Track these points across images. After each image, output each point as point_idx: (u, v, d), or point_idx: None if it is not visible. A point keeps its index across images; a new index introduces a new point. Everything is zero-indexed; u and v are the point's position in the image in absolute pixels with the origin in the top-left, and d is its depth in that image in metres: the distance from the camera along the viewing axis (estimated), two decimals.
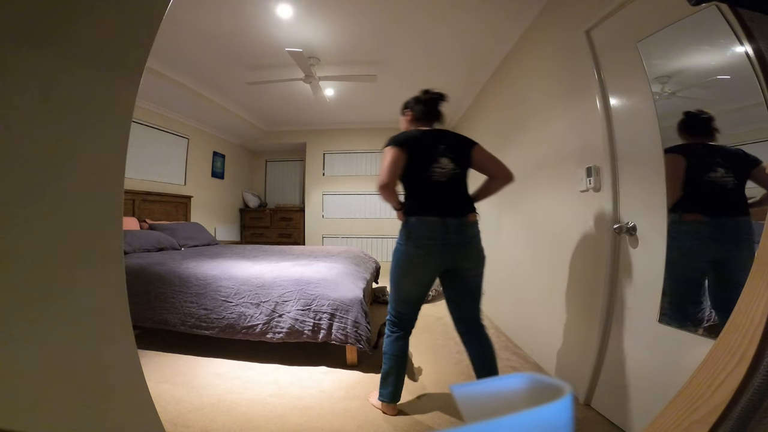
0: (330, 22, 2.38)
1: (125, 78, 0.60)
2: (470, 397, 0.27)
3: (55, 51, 0.49)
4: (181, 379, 1.73)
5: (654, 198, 1.21)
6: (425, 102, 1.45)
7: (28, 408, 0.45)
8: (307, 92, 3.56)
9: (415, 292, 1.38)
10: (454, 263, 1.33)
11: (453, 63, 2.97)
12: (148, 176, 3.69)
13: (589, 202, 1.55)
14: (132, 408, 0.61)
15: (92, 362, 0.55)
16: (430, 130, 1.41)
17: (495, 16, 2.24)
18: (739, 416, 0.42)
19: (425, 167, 1.32)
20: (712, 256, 1.08)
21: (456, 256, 1.32)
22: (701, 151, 1.07)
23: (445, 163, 1.33)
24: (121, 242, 0.61)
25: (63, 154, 0.51)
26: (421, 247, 1.30)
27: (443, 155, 1.33)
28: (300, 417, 1.40)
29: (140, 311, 2.10)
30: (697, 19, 0.99)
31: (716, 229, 1.07)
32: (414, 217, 1.32)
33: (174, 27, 2.39)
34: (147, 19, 0.61)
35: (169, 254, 2.75)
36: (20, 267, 0.46)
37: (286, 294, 1.97)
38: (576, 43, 1.57)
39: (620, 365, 1.35)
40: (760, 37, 0.55)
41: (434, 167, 1.32)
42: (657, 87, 1.19)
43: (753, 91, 0.77)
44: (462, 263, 1.33)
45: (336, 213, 5.13)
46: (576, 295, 1.63)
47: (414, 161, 1.33)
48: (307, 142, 5.19)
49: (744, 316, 0.45)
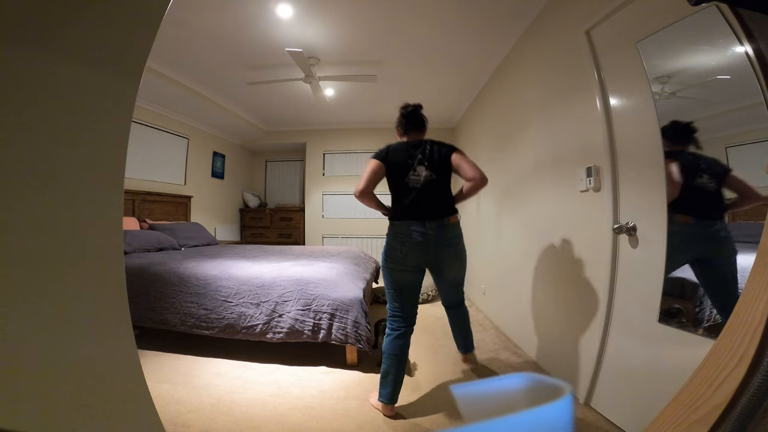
0: (330, 22, 2.38)
1: (125, 78, 0.59)
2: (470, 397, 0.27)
3: (55, 51, 0.49)
4: (181, 379, 1.73)
5: (654, 198, 1.21)
6: (405, 116, 1.59)
7: (28, 408, 0.45)
8: (307, 92, 3.56)
9: (404, 287, 1.49)
10: (434, 261, 1.49)
11: (453, 63, 2.97)
12: (148, 176, 3.69)
13: (589, 202, 1.55)
14: (132, 408, 0.61)
15: (92, 362, 0.55)
16: (411, 142, 1.55)
17: (495, 16, 2.24)
18: (739, 416, 0.42)
19: (402, 175, 1.48)
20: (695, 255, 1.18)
21: (436, 255, 1.47)
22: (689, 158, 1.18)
23: (420, 171, 1.47)
24: (121, 242, 0.61)
25: (63, 154, 0.51)
26: (402, 245, 1.45)
27: (420, 164, 1.48)
28: (300, 417, 1.41)
29: (140, 311, 2.10)
30: (697, 19, 0.99)
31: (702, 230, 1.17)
32: (396, 220, 1.50)
33: (174, 27, 2.39)
34: (147, 19, 0.61)
35: (169, 254, 2.75)
36: (20, 267, 0.46)
37: (286, 294, 1.97)
38: (576, 43, 1.57)
39: (620, 365, 1.35)
40: (760, 37, 0.55)
41: (410, 175, 1.47)
42: (657, 87, 1.19)
43: (753, 91, 0.77)
44: (443, 261, 1.49)
45: (336, 213, 5.12)
46: (576, 295, 1.63)
47: (393, 170, 1.50)
48: (307, 142, 5.18)
49: (744, 316, 0.45)
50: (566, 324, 1.71)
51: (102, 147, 0.57)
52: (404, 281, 1.48)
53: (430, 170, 1.47)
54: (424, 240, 1.43)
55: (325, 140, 5.16)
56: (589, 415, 1.42)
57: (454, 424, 1.42)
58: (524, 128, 2.28)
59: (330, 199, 5.14)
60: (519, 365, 1.97)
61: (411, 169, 1.48)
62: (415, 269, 1.48)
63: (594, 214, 1.51)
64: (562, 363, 1.74)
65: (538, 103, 2.08)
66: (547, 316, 1.91)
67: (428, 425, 1.36)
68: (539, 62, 2.08)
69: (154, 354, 2.02)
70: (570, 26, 1.66)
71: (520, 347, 2.22)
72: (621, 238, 1.36)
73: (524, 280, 2.20)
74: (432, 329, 2.58)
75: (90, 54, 0.54)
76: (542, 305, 1.97)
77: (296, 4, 2.17)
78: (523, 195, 2.29)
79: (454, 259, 1.51)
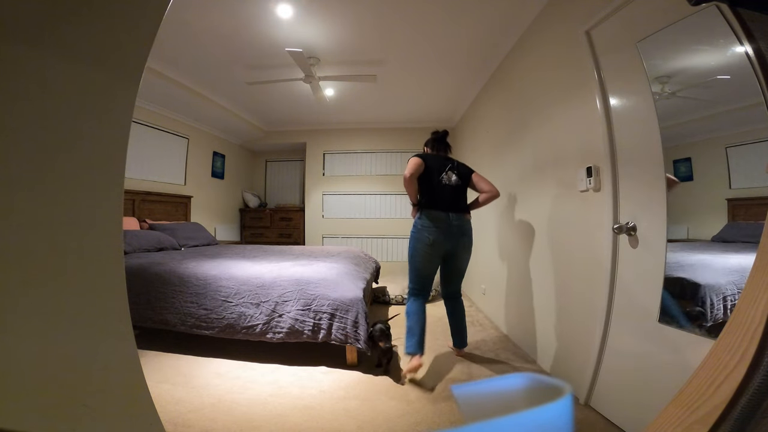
0: (330, 22, 2.38)
1: (125, 78, 0.60)
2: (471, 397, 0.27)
3: (55, 51, 0.49)
4: (181, 379, 1.73)
5: (654, 198, 1.21)
6: (437, 138, 2.06)
7: (28, 408, 0.45)
8: (307, 92, 3.56)
9: (428, 267, 1.87)
10: (452, 246, 1.87)
11: (453, 63, 2.97)
12: (148, 176, 3.69)
13: (589, 202, 1.55)
14: (132, 408, 0.61)
15: (92, 362, 0.55)
16: (441, 155, 2.02)
17: (495, 16, 2.24)
18: (739, 416, 0.42)
19: (437, 175, 1.89)
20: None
21: (454, 240, 1.86)
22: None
23: (451, 175, 1.91)
24: (121, 242, 0.61)
25: (63, 154, 0.51)
26: (431, 232, 1.82)
27: (451, 170, 1.92)
28: (300, 417, 1.41)
29: (140, 311, 2.10)
30: (697, 19, 0.99)
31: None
32: (427, 210, 1.86)
33: (174, 27, 2.39)
34: (147, 19, 0.61)
35: (169, 254, 2.75)
36: (20, 267, 0.46)
37: (286, 294, 1.97)
38: (576, 43, 1.57)
39: (620, 365, 1.35)
40: (760, 37, 0.55)
41: (442, 176, 1.89)
42: (657, 87, 1.19)
43: (753, 91, 0.77)
44: (458, 246, 1.89)
45: (336, 213, 5.12)
46: (576, 295, 1.63)
47: (430, 170, 1.89)
48: (307, 142, 5.18)
49: (744, 316, 0.45)
50: (566, 324, 1.71)
51: (102, 147, 0.57)
52: (428, 269, 1.87)
53: (457, 177, 1.92)
54: (447, 226, 1.83)
55: (325, 140, 5.16)
56: (589, 415, 1.42)
57: (454, 423, 1.42)
58: (524, 128, 2.28)
59: (330, 199, 5.14)
60: (519, 365, 1.97)
61: (444, 172, 1.90)
62: (437, 255, 1.87)
63: (594, 214, 1.51)
64: (562, 363, 1.74)
65: (538, 103, 2.08)
66: (547, 316, 1.91)
67: (427, 424, 1.36)
68: (539, 62, 2.08)
69: (154, 354, 2.02)
70: (570, 26, 1.66)
71: (520, 347, 2.22)
72: (621, 238, 1.36)
73: (524, 280, 2.20)
74: (432, 329, 2.57)
75: (90, 54, 0.54)
76: (542, 305, 1.97)
77: (296, 4, 2.17)
78: (524, 195, 2.29)
79: (467, 246, 1.92)
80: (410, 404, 1.51)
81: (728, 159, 1.04)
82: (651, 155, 1.22)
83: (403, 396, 1.58)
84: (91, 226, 0.56)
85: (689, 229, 1.17)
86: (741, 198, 1.03)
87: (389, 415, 1.43)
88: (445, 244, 1.84)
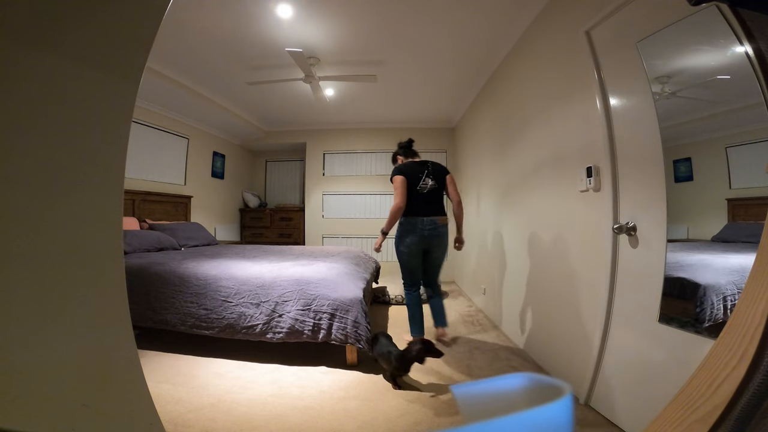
0: (330, 22, 2.38)
1: (125, 78, 0.60)
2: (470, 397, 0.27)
3: (56, 51, 0.49)
4: (181, 379, 1.73)
5: (654, 198, 1.21)
6: (406, 147, 2.37)
7: (28, 408, 0.45)
8: (307, 92, 3.56)
9: (411, 261, 2.17)
10: (428, 245, 2.15)
11: (453, 63, 2.97)
12: (148, 176, 3.69)
13: (589, 202, 1.55)
14: (132, 408, 0.61)
15: (92, 362, 0.55)
16: (417, 161, 2.26)
17: (495, 16, 2.24)
18: (739, 416, 0.42)
19: (415, 184, 2.13)
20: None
21: (430, 241, 2.13)
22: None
23: (427, 181, 2.15)
24: (121, 242, 0.61)
25: (63, 154, 0.51)
26: (408, 235, 2.12)
27: (427, 176, 2.16)
28: (300, 417, 1.41)
29: (140, 311, 2.10)
30: (697, 19, 0.99)
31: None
32: (404, 216, 2.13)
33: (174, 27, 2.39)
34: (147, 19, 0.61)
35: (169, 254, 2.75)
36: (20, 267, 0.46)
37: (286, 294, 1.97)
38: (576, 43, 1.57)
39: (620, 365, 1.35)
40: (760, 37, 0.55)
41: (421, 184, 2.13)
42: (657, 87, 1.19)
43: (753, 91, 0.77)
44: (433, 246, 2.16)
45: (336, 213, 5.12)
46: (576, 295, 1.63)
47: (409, 181, 2.12)
48: (307, 142, 5.18)
49: (744, 316, 0.45)
50: (566, 324, 1.71)
51: (102, 147, 0.57)
52: (414, 264, 2.18)
53: (434, 181, 2.15)
54: (422, 230, 2.10)
55: (325, 140, 5.16)
56: (589, 415, 1.42)
57: (454, 424, 1.42)
58: (524, 128, 2.28)
59: (330, 199, 5.14)
60: (519, 365, 1.97)
61: (421, 180, 2.13)
62: (418, 253, 2.15)
63: (594, 214, 1.51)
64: (562, 363, 1.74)
65: (538, 103, 2.08)
66: (547, 316, 1.91)
67: (427, 424, 1.36)
68: (539, 62, 2.08)
69: (154, 354, 2.02)
70: (570, 26, 1.66)
71: (520, 347, 2.22)
72: (621, 238, 1.36)
73: (524, 279, 2.20)
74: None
75: (90, 54, 0.54)
76: (542, 305, 1.97)
77: (296, 4, 2.17)
78: (524, 195, 2.28)
79: (441, 245, 2.19)
80: (410, 404, 1.51)
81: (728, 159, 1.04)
82: (651, 155, 1.22)
83: (403, 396, 1.58)
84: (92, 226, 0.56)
85: (689, 229, 1.17)
86: (741, 198, 1.03)
87: (389, 415, 1.43)
88: (421, 244, 2.12)
